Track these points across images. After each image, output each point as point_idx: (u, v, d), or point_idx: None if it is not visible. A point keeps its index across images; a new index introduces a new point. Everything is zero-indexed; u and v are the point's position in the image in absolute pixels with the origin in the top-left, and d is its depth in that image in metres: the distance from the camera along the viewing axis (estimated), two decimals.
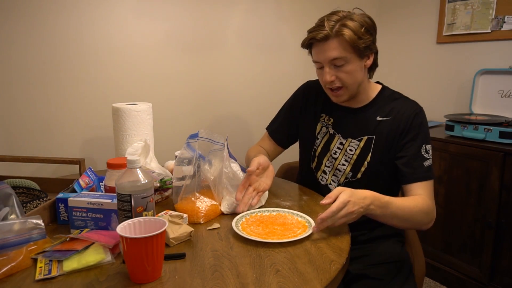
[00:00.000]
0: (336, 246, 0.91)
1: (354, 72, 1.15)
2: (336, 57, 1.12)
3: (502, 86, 2.00)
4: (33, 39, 1.60)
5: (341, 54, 1.11)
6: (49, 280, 0.76)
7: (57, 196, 1.00)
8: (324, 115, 1.30)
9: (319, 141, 1.29)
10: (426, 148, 1.16)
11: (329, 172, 1.27)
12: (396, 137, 1.18)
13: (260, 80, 2.19)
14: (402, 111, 1.20)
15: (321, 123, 1.30)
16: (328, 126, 1.28)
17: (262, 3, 2.13)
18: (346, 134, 1.24)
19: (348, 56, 1.12)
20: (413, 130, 1.17)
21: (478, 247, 1.83)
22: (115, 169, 1.03)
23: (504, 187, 1.71)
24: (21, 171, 1.57)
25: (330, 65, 1.14)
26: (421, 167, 1.14)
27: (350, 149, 1.23)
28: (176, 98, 1.96)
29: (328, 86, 1.18)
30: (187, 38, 1.94)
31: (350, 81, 1.15)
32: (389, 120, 1.20)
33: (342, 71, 1.14)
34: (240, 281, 0.76)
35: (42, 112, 1.66)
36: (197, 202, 1.05)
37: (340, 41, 1.10)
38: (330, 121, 1.28)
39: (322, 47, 1.13)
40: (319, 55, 1.15)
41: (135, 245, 0.72)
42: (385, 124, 1.20)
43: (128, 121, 1.37)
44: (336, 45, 1.11)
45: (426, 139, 1.18)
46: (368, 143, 1.21)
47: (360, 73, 1.17)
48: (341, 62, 1.12)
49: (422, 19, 2.40)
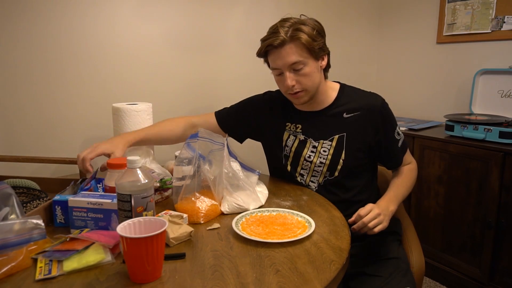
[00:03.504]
0: (336, 246, 0.91)
1: (312, 74, 1.19)
2: (295, 61, 1.15)
3: (502, 86, 2.01)
4: (33, 40, 1.59)
5: (299, 58, 1.15)
6: (49, 280, 0.76)
7: (53, 198, 0.99)
8: (289, 123, 1.33)
9: (289, 148, 1.31)
10: (397, 130, 1.28)
11: (307, 174, 1.29)
12: (368, 131, 1.24)
13: (260, 80, 2.19)
14: (368, 104, 1.24)
15: (288, 131, 1.32)
16: (297, 134, 1.30)
17: (262, 3, 2.13)
18: (317, 136, 1.27)
19: (305, 59, 1.16)
20: (384, 122, 1.24)
21: (478, 247, 1.83)
22: (115, 169, 1.04)
23: (504, 187, 1.71)
24: (21, 171, 1.57)
25: (290, 69, 1.17)
26: (399, 151, 1.29)
27: (324, 150, 1.25)
28: (176, 98, 1.96)
29: (289, 91, 1.21)
30: (187, 38, 1.94)
31: (309, 83, 1.19)
32: (357, 115, 1.24)
33: (301, 74, 1.18)
34: (240, 281, 0.76)
35: (42, 112, 1.66)
36: (197, 202, 1.05)
37: (296, 45, 1.14)
38: (298, 128, 1.30)
39: (279, 53, 1.16)
40: (278, 61, 1.17)
41: (135, 245, 0.72)
42: (354, 119, 1.24)
43: (128, 121, 1.37)
44: (294, 49, 1.15)
45: (395, 123, 1.28)
46: (340, 141, 1.24)
47: (318, 74, 1.21)
48: (299, 65, 1.16)
49: (422, 19, 2.40)
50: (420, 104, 2.47)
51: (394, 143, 1.27)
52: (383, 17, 2.61)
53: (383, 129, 1.24)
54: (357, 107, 1.24)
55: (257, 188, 1.22)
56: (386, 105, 1.26)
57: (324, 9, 2.39)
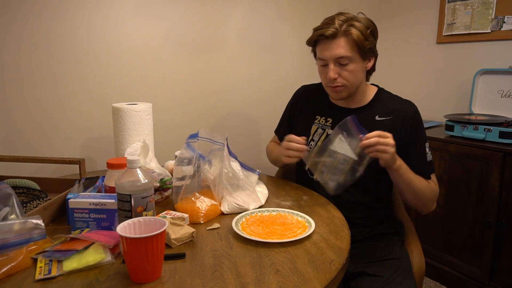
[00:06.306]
0: (336, 246, 0.91)
1: (356, 72, 1.18)
2: (342, 56, 1.15)
3: (502, 86, 2.00)
4: (33, 39, 1.60)
5: (347, 53, 1.15)
6: (49, 280, 0.76)
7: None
8: (318, 117, 1.32)
9: (315, 143, 1.30)
10: (426, 145, 1.24)
11: None
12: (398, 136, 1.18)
13: (260, 80, 2.19)
14: (401, 111, 1.23)
15: (316, 125, 1.32)
16: (326, 127, 1.30)
17: (262, 3, 2.13)
18: None
19: (353, 56, 1.15)
20: (414, 130, 1.22)
21: (478, 247, 1.83)
22: (115, 169, 1.03)
23: (504, 187, 1.71)
24: (21, 171, 1.57)
25: (335, 62, 1.17)
26: (426, 165, 1.22)
27: None
28: (176, 98, 1.96)
29: (329, 84, 1.21)
30: (187, 38, 1.94)
31: (352, 80, 1.19)
32: (389, 119, 1.23)
33: (345, 69, 1.17)
34: (240, 281, 0.76)
35: (42, 112, 1.66)
36: (197, 202, 1.05)
37: (347, 40, 1.14)
38: (329, 121, 1.30)
39: (329, 45, 1.16)
40: (326, 52, 1.17)
41: (135, 245, 0.72)
42: (385, 123, 1.22)
43: (128, 121, 1.37)
44: (344, 44, 1.14)
45: (425, 136, 1.25)
46: None
47: (361, 74, 1.21)
48: (346, 61, 1.16)
49: (422, 19, 2.40)
50: (420, 104, 2.43)
51: (422, 154, 1.22)
52: (383, 17, 2.61)
53: (411, 136, 1.21)
54: (390, 111, 1.24)
55: (257, 188, 1.22)
56: (419, 115, 1.24)
57: (324, 9, 2.39)
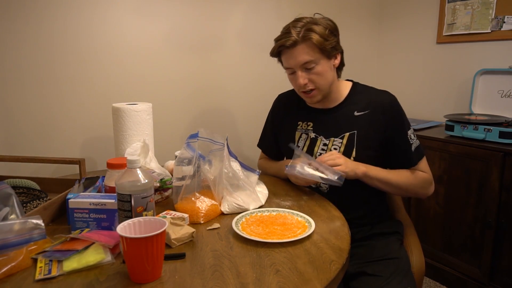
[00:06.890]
0: (336, 246, 0.91)
1: (324, 72, 1.21)
2: (306, 61, 1.18)
3: (502, 86, 2.00)
4: (33, 40, 1.60)
5: (311, 57, 1.17)
6: (49, 280, 0.76)
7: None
8: (300, 122, 1.34)
9: (301, 148, 1.32)
10: (409, 133, 1.24)
11: None
12: (379, 129, 1.23)
13: (260, 80, 2.19)
14: (378, 102, 1.24)
15: (299, 130, 1.34)
16: (308, 131, 1.32)
17: (262, 3, 2.13)
18: (328, 134, 1.28)
19: (317, 58, 1.18)
20: (394, 119, 1.23)
21: (478, 247, 1.83)
22: (115, 169, 1.03)
23: (504, 187, 1.71)
24: (21, 171, 1.57)
25: (302, 69, 1.20)
26: (411, 153, 1.24)
27: (335, 147, 1.26)
28: (176, 98, 1.97)
29: (301, 90, 1.24)
30: (187, 38, 1.94)
31: (322, 81, 1.21)
32: (368, 113, 1.24)
33: (313, 73, 1.20)
34: (240, 281, 0.76)
35: (42, 112, 1.66)
36: (197, 202, 1.05)
37: (308, 45, 1.17)
38: (309, 125, 1.32)
39: (292, 53, 1.19)
40: (290, 61, 1.20)
41: (135, 245, 0.72)
42: (364, 117, 1.24)
43: (128, 121, 1.37)
44: (305, 50, 1.17)
45: (408, 124, 1.26)
46: (351, 139, 1.24)
47: (330, 73, 1.23)
48: (311, 64, 1.19)
49: (422, 19, 2.40)
50: (420, 104, 2.47)
51: (406, 143, 1.24)
52: (383, 17, 2.61)
53: (392, 127, 1.23)
54: (368, 104, 1.25)
55: (257, 188, 1.22)
56: (396, 104, 1.25)
57: (323, 9, 2.38)
